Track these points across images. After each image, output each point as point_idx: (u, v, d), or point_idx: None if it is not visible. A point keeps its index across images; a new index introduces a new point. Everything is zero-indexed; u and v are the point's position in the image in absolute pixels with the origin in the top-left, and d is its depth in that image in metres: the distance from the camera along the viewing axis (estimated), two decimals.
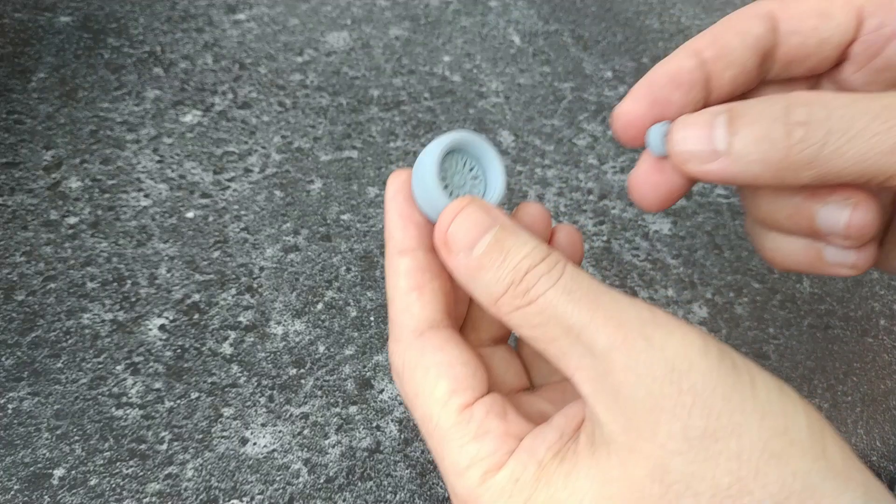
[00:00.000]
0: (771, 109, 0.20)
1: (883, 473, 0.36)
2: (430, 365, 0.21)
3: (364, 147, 0.49)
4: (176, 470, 0.32)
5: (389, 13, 0.61)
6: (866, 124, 0.18)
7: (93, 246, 0.40)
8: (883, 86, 0.24)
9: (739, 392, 0.18)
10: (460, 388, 0.21)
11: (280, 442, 0.34)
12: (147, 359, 0.36)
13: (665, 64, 0.23)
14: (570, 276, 0.20)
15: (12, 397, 0.34)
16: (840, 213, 0.22)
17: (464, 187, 0.23)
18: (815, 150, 0.19)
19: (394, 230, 0.23)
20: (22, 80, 0.49)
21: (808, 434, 0.18)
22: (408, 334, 0.22)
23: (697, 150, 0.21)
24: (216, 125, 0.48)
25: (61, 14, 0.55)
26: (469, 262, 0.20)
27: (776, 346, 0.40)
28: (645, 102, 0.23)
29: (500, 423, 0.20)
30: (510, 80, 0.56)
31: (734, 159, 0.20)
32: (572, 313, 0.19)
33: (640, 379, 0.18)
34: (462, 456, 0.20)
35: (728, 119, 0.20)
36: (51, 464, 0.32)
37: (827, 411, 0.38)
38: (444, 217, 0.21)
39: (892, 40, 0.23)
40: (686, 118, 0.22)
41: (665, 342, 0.18)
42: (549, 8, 0.64)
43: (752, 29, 0.23)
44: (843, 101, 0.19)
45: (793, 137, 0.19)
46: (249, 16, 0.58)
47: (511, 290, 0.20)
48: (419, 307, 0.22)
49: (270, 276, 0.40)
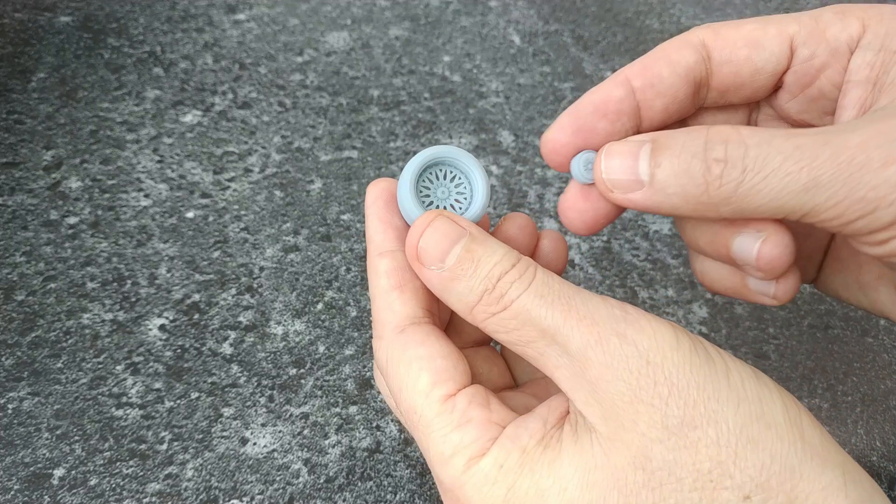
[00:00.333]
0: (692, 144, 0.20)
1: (883, 473, 0.36)
2: (412, 358, 0.22)
3: (364, 147, 0.49)
4: (176, 470, 0.32)
5: (389, 13, 0.61)
6: (780, 164, 0.19)
7: (93, 246, 0.40)
8: (818, 113, 0.24)
9: (714, 381, 0.19)
10: (442, 379, 0.21)
11: (280, 442, 0.34)
12: (147, 359, 0.36)
13: (593, 93, 0.24)
14: (541, 280, 0.20)
15: (12, 397, 0.34)
16: (752, 245, 0.22)
17: (448, 199, 0.24)
18: (732, 188, 0.20)
19: (374, 234, 0.24)
20: (22, 80, 0.49)
21: (784, 418, 0.18)
22: (390, 331, 0.22)
23: (622, 179, 0.21)
24: (216, 125, 0.48)
25: (61, 14, 0.55)
26: (442, 274, 0.21)
27: (776, 346, 0.40)
28: (569, 131, 0.23)
29: (483, 412, 0.21)
30: (510, 80, 0.56)
31: (656, 191, 0.21)
32: (546, 316, 0.20)
33: (616, 374, 0.19)
34: (446, 445, 0.20)
35: (651, 150, 0.21)
36: (51, 464, 0.32)
37: (827, 411, 0.38)
38: (414, 231, 0.22)
39: (823, 71, 0.23)
40: (612, 147, 0.22)
41: (637, 337, 0.19)
42: (549, 8, 0.64)
43: (682, 59, 0.23)
44: (759, 139, 0.19)
45: (711, 174, 0.20)
46: (249, 16, 0.58)
47: (485, 297, 0.20)
48: (400, 304, 0.23)
49: (270, 276, 0.40)
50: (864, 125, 0.19)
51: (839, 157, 0.18)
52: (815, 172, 0.18)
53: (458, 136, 0.51)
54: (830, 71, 0.23)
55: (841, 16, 0.22)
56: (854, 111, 0.22)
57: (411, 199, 0.23)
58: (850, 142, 0.18)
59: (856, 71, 0.22)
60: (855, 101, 0.22)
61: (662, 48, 0.23)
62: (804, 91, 0.24)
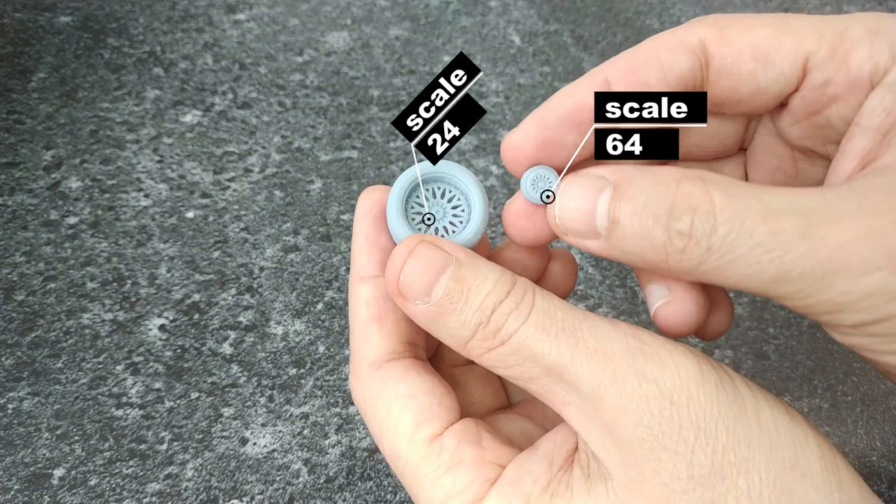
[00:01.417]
0: (655, 203, 0.17)
1: (883, 473, 0.36)
2: (391, 398, 0.20)
3: (364, 147, 0.49)
4: (176, 470, 0.32)
5: (389, 13, 0.61)
6: (749, 250, 0.17)
7: (93, 246, 0.40)
8: (821, 141, 0.21)
9: (744, 423, 0.17)
10: (425, 418, 0.19)
11: (280, 442, 0.34)
12: (147, 359, 0.36)
13: (565, 95, 0.20)
14: (542, 308, 0.18)
15: (12, 397, 0.34)
16: (654, 300, 0.20)
17: (443, 220, 0.22)
18: (693, 265, 0.17)
19: (358, 255, 0.21)
20: (22, 80, 0.49)
21: (820, 466, 0.17)
22: (366, 367, 0.20)
23: (576, 227, 0.19)
24: (216, 125, 0.48)
25: (61, 14, 0.55)
26: (429, 309, 0.19)
27: (776, 346, 0.40)
28: (533, 142, 0.20)
29: (475, 451, 0.19)
30: (510, 80, 0.56)
31: (612, 246, 0.18)
32: (550, 352, 0.18)
33: (636, 418, 0.17)
34: (436, 492, 0.18)
35: (611, 198, 0.18)
36: (51, 464, 0.32)
37: (827, 411, 0.38)
38: (394, 261, 0.19)
39: (835, 101, 0.20)
40: (569, 187, 0.19)
41: (658, 374, 0.17)
42: (549, 8, 0.64)
43: (675, 65, 0.20)
44: (731, 213, 0.17)
45: (673, 246, 0.17)
46: (249, 16, 0.58)
47: (480, 331, 0.18)
48: (378, 338, 0.21)
49: (270, 276, 0.40)
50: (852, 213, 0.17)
51: (816, 255, 0.16)
52: (785, 267, 0.16)
53: None
54: (843, 104, 0.20)
55: (873, 35, 0.19)
56: (854, 162, 0.19)
57: (399, 220, 0.21)
58: (831, 240, 0.16)
59: (869, 114, 0.19)
60: (858, 152, 0.19)
61: (654, 46, 0.20)
62: (810, 118, 0.21)
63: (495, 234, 0.44)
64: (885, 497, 0.35)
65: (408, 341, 0.21)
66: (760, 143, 0.23)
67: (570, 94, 0.20)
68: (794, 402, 0.38)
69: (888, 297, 0.16)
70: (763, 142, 0.23)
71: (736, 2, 0.67)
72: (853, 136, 0.19)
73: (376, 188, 0.22)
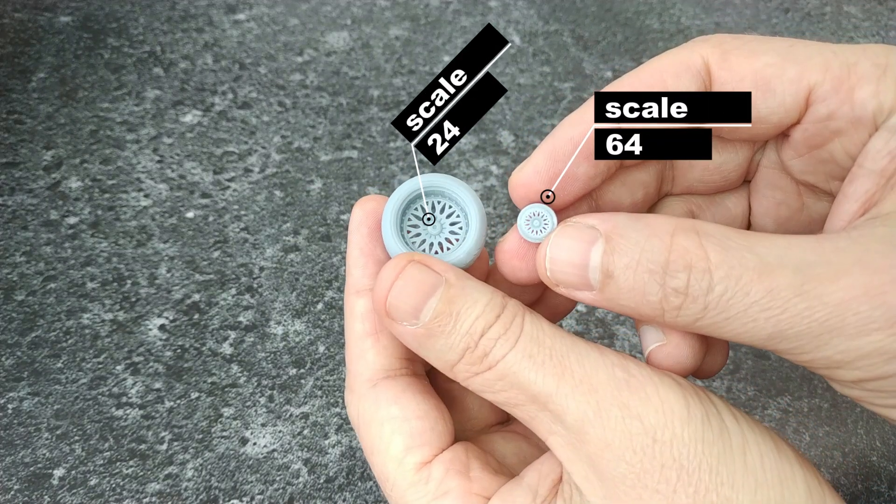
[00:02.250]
0: (650, 257, 0.17)
1: (883, 473, 0.36)
2: (384, 419, 0.19)
3: (364, 147, 0.49)
4: (176, 470, 0.32)
5: (389, 13, 0.61)
6: (744, 309, 0.16)
7: (93, 246, 0.40)
8: (824, 176, 0.21)
9: (728, 461, 0.16)
10: (416, 444, 0.19)
11: (280, 442, 0.34)
12: (147, 359, 0.36)
13: (572, 125, 0.20)
14: (530, 335, 0.18)
15: (12, 397, 0.34)
16: (648, 343, 0.20)
17: (440, 235, 0.21)
18: (689, 321, 0.17)
19: (353, 267, 0.21)
20: (22, 80, 0.49)
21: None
22: (361, 384, 0.20)
23: (569, 279, 0.18)
24: (216, 125, 0.48)
25: (61, 14, 0.55)
26: (416, 331, 0.18)
27: None
28: (546, 177, 0.20)
29: (462, 482, 0.19)
30: (510, 80, 0.56)
31: (606, 299, 0.18)
32: (535, 380, 0.17)
33: (618, 454, 0.16)
34: None
35: (604, 251, 0.18)
36: (51, 464, 0.32)
37: (827, 411, 0.38)
38: (382, 281, 0.19)
39: (838, 136, 0.19)
40: (559, 238, 0.19)
41: (643, 410, 0.17)
42: (549, 8, 0.64)
43: (680, 88, 0.19)
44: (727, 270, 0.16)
45: (668, 303, 0.17)
46: (249, 16, 0.58)
47: (467, 356, 0.18)
48: (373, 354, 0.20)
49: (270, 276, 0.40)
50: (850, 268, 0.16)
51: (813, 315, 0.16)
52: (782, 326, 0.16)
53: None
54: (847, 140, 0.19)
55: (881, 72, 0.18)
56: (856, 205, 0.19)
57: (393, 235, 0.20)
58: (829, 298, 0.16)
59: (873, 157, 0.18)
60: (861, 195, 0.19)
61: (658, 69, 0.20)
62: (812, 152, 0.20)
63: (495, 235, 0.44)
64: (885, 497, 0.35)
65: (405, 357, 0.21)
66: (764, 176, 0.23)
67: (577, 124, 0.20)
68: (793, 402, 0.38)
69: (886, 357, 0.16)
70: (767, 174, 0.23)
71: (736, 1, 0.67)
72: (856, 178, 0.19)
73: (371, 198, 0.21)
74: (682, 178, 0.23)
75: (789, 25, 0.64)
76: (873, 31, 0.64)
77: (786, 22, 0.65)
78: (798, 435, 0.37)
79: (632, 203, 0.22)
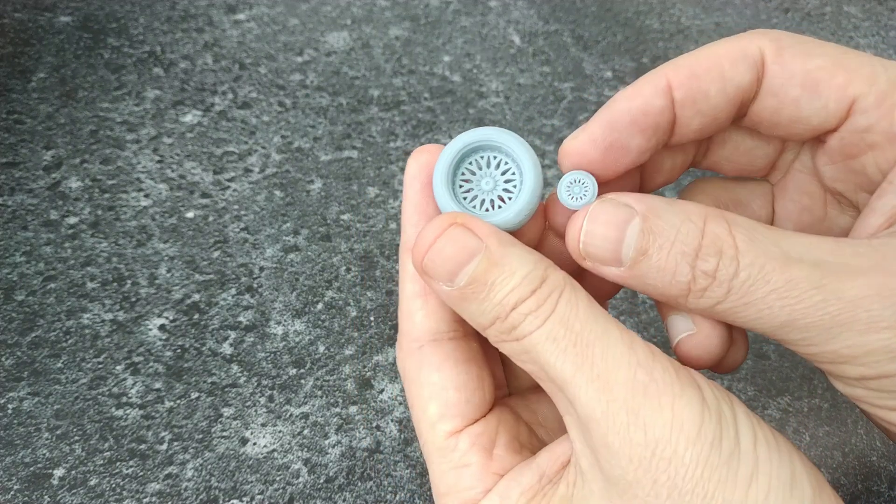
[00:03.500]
0: (685, 241, 0.18)
1: (883, 473, 0.36)
2: (424, 383, 0.20)
3: (364, 147, 0.49)
4: (176, 470, 0.32)
5: (389, 13, 0.61)
6: (763, 296, 0.17)
7: (93, 246, 0.40)
8: (853, 186, 0.21)
9: (728, 490, 0.16)
10: (450, 413, 0.20)
11: (280, 442, 0.34)
12: (147, 359, 0.36)
13: (630, 98, 0.20)
14: (561, 315, 0.18)
15: (12, 397, 0.34)
16: (677, 332, 0.20)
17: (493, 191, 0.21)
18: (711, 303, 0.18)
19: (406, 223, 0.21)
20: (22, 80, 0.49)
21: None
22: (409, 343, 0.21)
23: (600, 253, 0.19)
24: (216, 125, 0.48)
25: (61, 14, 0.55)
26: (451, 292, 0.19)
27: (776, 346, 0.40)
28: (602, 146, 0.20)
29: (482, 458, 0.19)
30: (510, 80, 0.56)
31: (634, 276, 0.18)
32: (555, 364, 0.17)
33: (615, 458, 0.16)
34: (442, 481, 0.20)
35: (640, 231, 0.18)
36: (51, 464, 0.32)
37: (827, 411, 0.38)
38: (422, 240, 0.19)
39: (872, 150, 0.19)
40: (596, 212, 0.19)
41: (651, 419, 0.16)
42: (549, 8, 0.64)
43: (736, 77, 0.20)
44: (752, 258, 0.17)
45: (696, 284, 0.18)
46: (249, 16, 0.58)
47: (497, 324, 0.18)
48: (422, 316, 0.21)
49: (270, 276, 0.40)
50: (867, 269, 0.17)
51: (827, 308, 0.17)
52: (795, 315, 0.17)
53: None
54: (880, 155, 0.19)
55: None
56: (882, 220, 0.19)
57: (443, 190, 0.20)
58: (844, 293, 0.17)
59: None
60: (888, 210, 0.19)
61: (716, 54, 0.20)
62: (846, 161, 0.20)
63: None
64: (885, 497, 0.35)
65: (453, 319, 0.21)
66: (794, 179, 0.23)
67: (634, 96, 0.20)
68: (793, 403, 0.38)
69: (891, 356, 0.16)
70: (798, 178, 0.23)
71: (736, 1, 0.67)
72: (885, 193, 0.19)
73: (426, 149, 0.21)
74: (713, 153, 0.23)
75: (789, 25, 0.64)
76: (873, 31, 0.64)
77: (786, 22, 0.65)
78: (798, 435, 0.37)
79: (671, 168, 0.23)
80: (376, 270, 0.41)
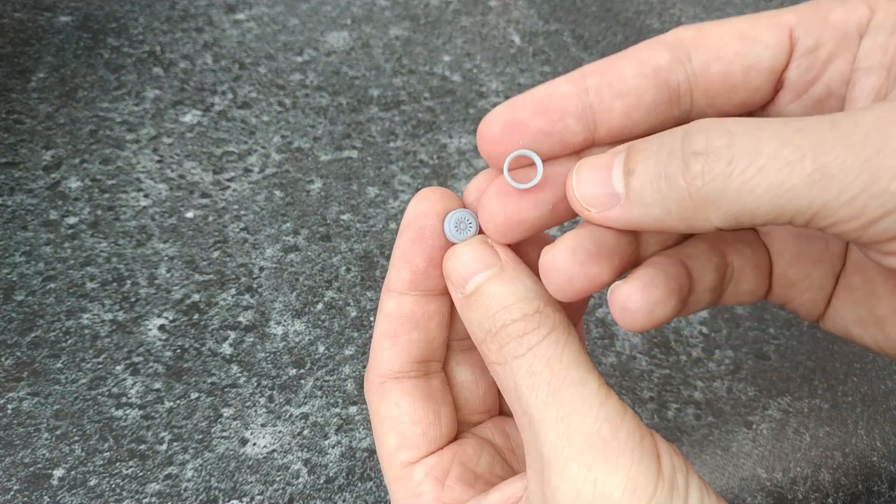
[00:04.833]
0: (669, 140, 0.17)
1: (883, 473, 0.36)
2: (384, 416, 0.21)
3: (364, 147, 0.49)
4: (176, 470, 0.32)
5: (389, 13, 0.61)
6: (776, 150, 0.15)
7: (93, 246, 0.40)
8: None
9: None
10: (405, 446, 0.21)
11: (280, 442, 0.34)
12: (147, 359, 0.36)
13: (540, 87, 0.20)
14: (543, 352, 0.18)
15: (12, 397, 0.34)
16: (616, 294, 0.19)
17: None
18: (718, 185, 0.15)
19: (391, 266, 0.22)
20: (22, 80, 0.49)
21: None
22: (374, 376, 0.22)
23: (595, 194, 0.18)
24: (216, 125, 0.48)
25: (61, 14, 0.54)
26: (460, 298, 0.20)
27: (776, 346, 0.40)
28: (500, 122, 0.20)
29: (434, 489, 0.20)
30: (510, 80, 0.56)
31: (633, 203, 0.17)
32: (528, 398, 0.17)
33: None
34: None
35: (626, 156, 0.17)
36: (51, 464, 0.32)
37: (827, 411, 0.38)
38: (451, 254, 0.21)
39: (831, 62, 0.19)
40: (583, 164, 0.19)
41: (602, 476, 0.16)
42: (549, 8, 0.64)
43: (652, 57, 0.19)
44: (748, 126, 0.16)
45: (691, 171, 0.16)
46: (249, 16, 0.58)
47: (488, 339, 0.19)
48: (388, 355, 0.22)
49: (270, 276, 0.40)
50: (877, 105, 0.15)
51: (851, 138, 0.14)
52: (822, 159, 0.14)
53: (458, 136, 0.51)
54: (839, 62, 0.19)
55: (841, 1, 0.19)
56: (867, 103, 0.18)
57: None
58: (863, 119, 0.15)
59: (866, 56, 0.18)
60: (868, 91, 0.18)
61: (633, 48, 0.20)
62: (809, 90, 0.20)
63: None
64: (885, 497, 0.35)
65: (417, 360, 0.22)
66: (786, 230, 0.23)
67: (544, 86, 0.20)
68: (794, 403, 0.38)
69: None
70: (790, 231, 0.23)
71: (736, 1, 0.67)
72: (857, 81, 0.19)
73: (426, 196, 0.21)
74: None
75: None
76: None
77: None
78: (798, 435, 0.37)
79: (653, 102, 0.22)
80: (376, 270, 0.41)
